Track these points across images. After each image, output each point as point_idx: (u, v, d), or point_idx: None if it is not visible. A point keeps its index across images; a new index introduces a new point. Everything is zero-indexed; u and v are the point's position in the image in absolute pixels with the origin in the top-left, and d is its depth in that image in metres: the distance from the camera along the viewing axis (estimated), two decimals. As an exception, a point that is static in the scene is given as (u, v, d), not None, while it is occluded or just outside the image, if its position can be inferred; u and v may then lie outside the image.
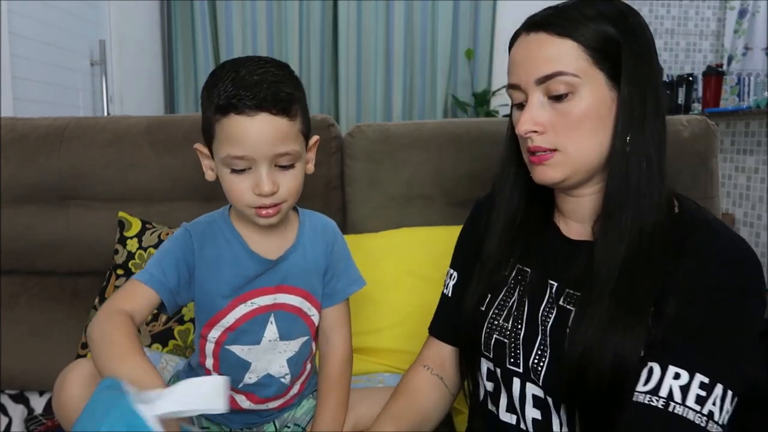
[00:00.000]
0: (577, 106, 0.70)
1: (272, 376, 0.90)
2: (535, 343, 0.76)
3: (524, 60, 0.73)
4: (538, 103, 0.73)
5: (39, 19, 2.07)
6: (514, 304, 0.80)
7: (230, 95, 0.75)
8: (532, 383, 0.76)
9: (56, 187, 1.33)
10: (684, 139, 1.24)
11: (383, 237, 1.30)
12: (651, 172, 0.70)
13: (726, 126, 3.04)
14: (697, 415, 0.62)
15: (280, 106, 0.76)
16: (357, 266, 0.97)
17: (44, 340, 1.29)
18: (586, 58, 0.70)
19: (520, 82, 0.74)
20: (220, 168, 0.80)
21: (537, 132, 0.73)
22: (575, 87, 0.70)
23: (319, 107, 3.12)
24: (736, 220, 3.01)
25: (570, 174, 0.74)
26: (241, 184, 0.79)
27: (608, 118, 0.71)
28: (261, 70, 0.77)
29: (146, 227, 1.29)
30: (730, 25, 3.52)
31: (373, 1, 3.04)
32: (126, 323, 0.75)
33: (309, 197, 1.32)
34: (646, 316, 0.67)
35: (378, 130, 1.34)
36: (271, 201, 0.79)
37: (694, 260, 0.68)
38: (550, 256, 0.80)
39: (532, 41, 0.73)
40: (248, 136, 0.76)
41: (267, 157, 0.77)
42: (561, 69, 0.70)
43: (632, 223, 0.70)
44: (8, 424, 1.24)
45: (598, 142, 0.72)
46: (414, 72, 3.12)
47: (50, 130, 1.34)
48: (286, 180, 0.80)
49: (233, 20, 3.01)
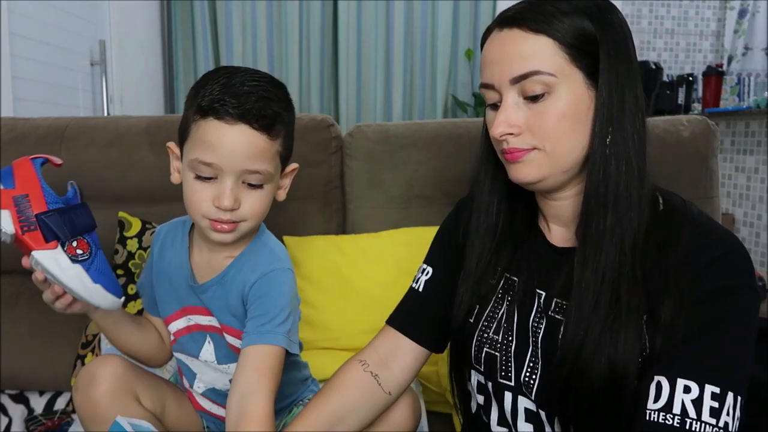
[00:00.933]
0: (554, 106, 0.67)
1: (217, 389, 0.89)
2: (527, 356, 0.73)
3: (497, 58, 0.69)
4: (513, 103, 0.69)
5: (39, 19, 2.07)
6: (503, 316, 0.77)
7: (215, 98, 0.72)
8: (524, 396, 0.74)
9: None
10: (684, 139, 1.24)
11: (383, 237, 1.30)
12: (630, 174, 0.67)
13: (726, 126, 3.04)
14: (714, 428, 0.60)
15: (263, 122, 0.73)
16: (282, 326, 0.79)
17: (44, 340, 1.29)
18: (562, 55, 0.66)
19: (494, 81, 0.70)
20: (186, 171, 0.77)
21: (512, 134, 0.69)
22: (552, 86, 0.67)
23: (319, 107, 3.11)
24: (736, 220, 3.01)
25: (547, 174, 0.70)
26: (203, 192, 0.75)
27: (586, 118, 0.68)
28: (254, 82, 0.74)
29: (146, 227, 1.29)
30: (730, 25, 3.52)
31: (373, 1, 3.03)
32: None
33: (309, 197, 1.33)
34: (639, 321, 0.65)
35: (378, 130, 1.34)
36: (228, 217, 0.75)
37: (682, 259, 0.66)
38: (536, 265, 0.77)
39: (505, 38, 0.69)
40: (222, 145, 0.72)
41: (235, 171, 0.73)
42: (537, 68, 0.66)
43: (613, 227, 0.67)
44: (8, 424, 1.24)
45: (577, 143, 0.69)
46: (414, 72, 3.12)
47: (50, 130, 1.34)
48: (250, 199, 0.76)
49: (233, 20, 3.00)
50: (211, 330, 0.85)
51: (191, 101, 0.76)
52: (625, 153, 0.67)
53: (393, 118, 3.12)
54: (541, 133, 0.68)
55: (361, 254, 1.27)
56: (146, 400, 0.83)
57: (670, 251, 0.67)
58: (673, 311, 0.64)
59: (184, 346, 0.87)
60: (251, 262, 0.82)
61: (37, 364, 1.27)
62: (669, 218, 0.70)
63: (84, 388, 0.79)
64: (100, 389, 0.78)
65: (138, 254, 1.27)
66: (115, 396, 0.78)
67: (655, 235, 0.68)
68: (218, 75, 0.75)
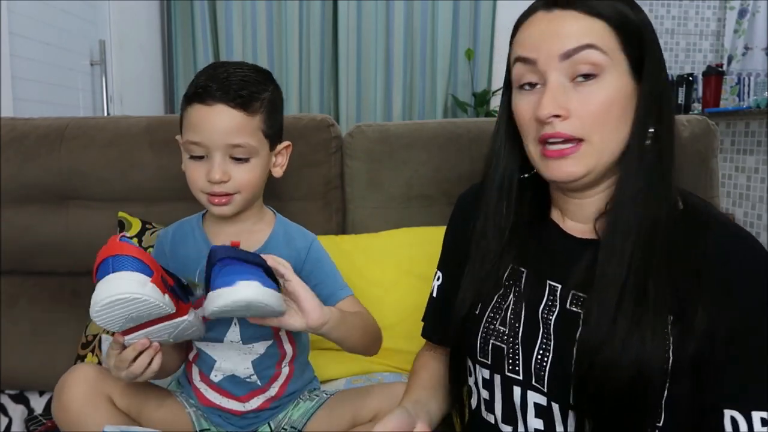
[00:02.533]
0: (602, 91, 0.65)
1: (237, 376, 0.91)
2: (535, 347, 0.71)
3: (547, 33, 0.66)
4: (560, 85, 0.66)
5: (39, 19, 2.07)
6: (509, 307, 0.75)
7: (199, 86, 0.82)
8: (533, 391, 0.71)
9: (56, 187, 1.33)
10: (684, 139, 1.24)
11: (383, 237, 1.30)
12: (665, 168, 0.67)
13: (726, 126, 3.04)
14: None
15: (239, 101, 0.81)
16: (342, 277, 0.95)
17: (44, 340, 1.29)
18: (614, 38, 0.65)
19: (539, 56, 0.66)
20: (183, 154, 0.86)
21: (560, 116, 0.65)
22: (602, 68, 0.65)
23: (319, 107, 3.11)
24: (736, 220, 3.01)
25: (592, 168, 0.67)
26: (197, 170, 0.84)
27: (629, 110, 0.67)
28: (238, 70, 0.84)
29: (146, 227, 1.29)
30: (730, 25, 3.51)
31: (373, 1, 3.03)
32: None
33: (309, 197, 1.33)
34: (665, 320, 0.64)
35: (378, 130, 1.34)
36: (221, 190, 0.83)
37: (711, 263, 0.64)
38: (548, 255, 0.75)
39: (557, 17, 0.67)
40: (204, 124, 0.81)
41: (220, 147, 0.82)
42: (592, 41, 0.64)
43: (641, 222, 0.65)
44: (8, 424, 1.24)
45: (621, 135, 0.67)
46: (414, 72, 3.12)
47: (50, 130, 1.34)
48: (239, 172, 0.84)
49: (233, 20, 3.00)
50: None
51: (184, 96, 0.86)
52: (661, 148, 0.67)
53: (393, 118, 3.12)
54: (590, 120, 0.65)
55: (361, 254, 1.27)
56: (120, 402, 0.85)
57: (696, 252, 0.65)
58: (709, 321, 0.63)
59: (209, 331, 0.89)
60: (287, 235, 0.93)
61: (37, 364, 1.27)
62: (691, 218, 0.69)
63: (57, 395, 0.83)
64: (70, 394, 0.82)
65: (138, 254, 1.27)
66: (85, 399, 0.82)
67: (678, 234, 0.66)
68: (207, 68, 0.86)
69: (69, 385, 0.83)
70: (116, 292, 0.66)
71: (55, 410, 0.84)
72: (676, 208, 0.70)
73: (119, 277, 0.68)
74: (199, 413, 0.94)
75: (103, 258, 0.70)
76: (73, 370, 0.85)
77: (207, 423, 0.94)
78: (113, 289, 0.67)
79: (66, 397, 0.82)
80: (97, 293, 0.67)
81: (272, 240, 0.92)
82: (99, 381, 0.84)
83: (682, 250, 0.66)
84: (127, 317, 0.69)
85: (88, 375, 0.84)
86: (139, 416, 0.87)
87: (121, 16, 2.58)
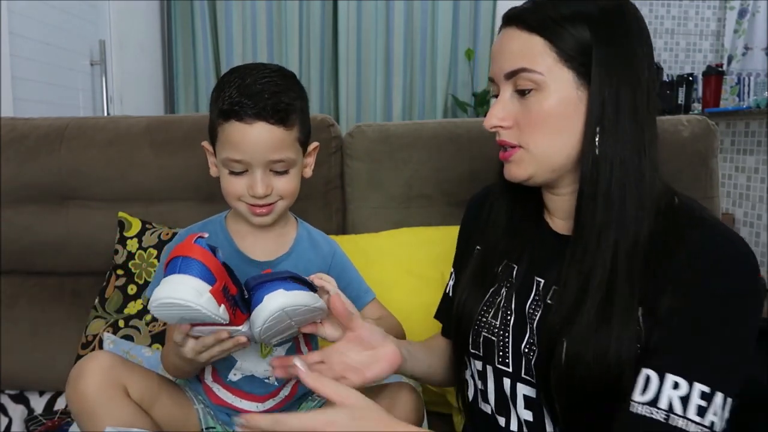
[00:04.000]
0: (541, 104, 0.70)
1: (255, 376, 0.92)
2: (523, 341, 0.75)
3: (497, 54, 0.74)
4: (507, 97, 0.73)
5: (39, 19, 2.07)
6: (501, 301, 0.79)
7: (233, 102, 0.81)
8: (523, 383, 0.75)
9: (56, 187, 1.33)
10: (684, 139, 1.24)
11: (383, 237, 1.30)
12: (625, 176, 0.68)
13: (726, 126, 3.04)
14: (699, 426, 0.61)
15: (278, 117, 0.82)
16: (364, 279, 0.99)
17: (44, 340, 1.29)
18: (552, 56, 0.69)
19: (494, 75, 0.75)
20: (221, 167, 0.86)
21: (503, 127, 0.73)
22: (540, 84, 0.69)
23: (319, 107, 3.12)
24: (736, 220, 3.01)
25: (533, 172, 0.73)
26: (238, 184, 0.85)
27: (575, 118, 0.70)
28: (265, 79, 0.83)
29: (146, 227, 1.29)
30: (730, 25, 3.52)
31: (373, 1, 3.03)
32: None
33: (309, 197, 1.32)
34: (632, 318, 0.66)
35: (378, 130, 1.34)
36: (264, 201, 0.85)
37: (687, 258, 0.66)
38: (537, 252, 0.79)
39: (505, 35, 0.73)
40: (246, 143, 0.81)
41: (262, 163, 0.83)
42: (525, 65, 0.69)
43: (605, 225, 0.68)
44: (8, 424, 1.24)
45: (564, 142, 0.71)
46: (414, 72, 3.12)
47: (50, 130, 1.34)
48: (281, 182, 0.86)
49: (233, 20, 3.00)
50: None
51: (213, 105, 0.85)
52: (619, 154, 0.68)
53: (393, 118, 3.12)
54: (527, 130, 0.72)
55: (361, 254, 1.27)
56: (135, 393, 0.85)
57: (677, 250, 0.66)
58: (671, 306, 0.65)
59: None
60: (311, 239, 0.96)
61: (37, 364, 1.27)
62: (680, 219, 0.70)
63: (73, 383, 0.83)
64: (87, 382, 0.81)
65: (138, 254, 1.27)
66: (102, 388, 0.82)
67: (663, 235, 0.68)
68: (233, 77, 0.84)
69: (86, 374, 0.82)
70: (173, 295, 0.68)
71: (69, 397, 0.84)
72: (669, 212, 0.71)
73: (180, 281, 0.69)
74: (207, 411, 0.94)
75: (174, 255, 0.71)
76: (90, 357, 0.85)
77: (213, 421, 0.94)
78: (172, 291, 0.68)
79: (82, 385, 0.82)
80: (159, 289, 0.69)
81: (298, 243, 0.94)
82: (115, 370, 0.84)
83: (663, 250, 0.67)
84: (181, 318, 0.72)
85: (104, 364, 0.83)
86: (151, 408, 0.87)
87: (121, 16, 2.58)
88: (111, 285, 1.28)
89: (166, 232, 1.29)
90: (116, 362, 0.85)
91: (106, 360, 0.84)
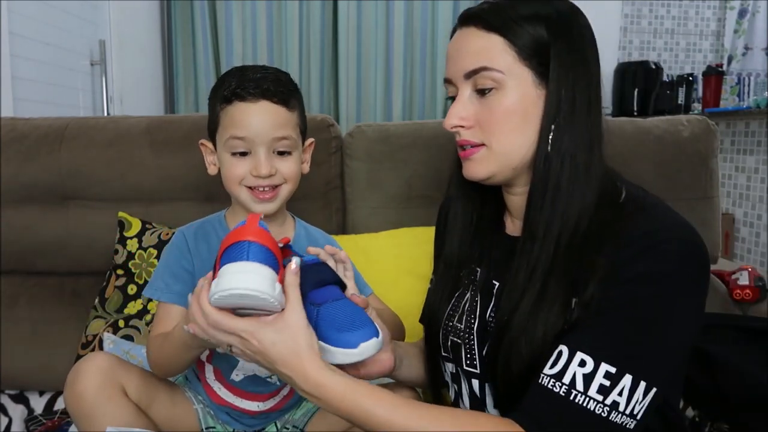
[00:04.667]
0: (501, 102, 0.70)
1: (258, 376, 0.92)
2: (486, 344, 0.75)
3: (454, 54, 0.74)
4: (466, 97, 0.73)
5: (39, 19, 2.07)
6: (466, 305, 0.80)
7: (235, 86, 0.84)
8: (490, 385, 0.75)
9: (56, 187, 1.33)
10: (684, 139, 1.24)
11: (383, 237, 1.30)
12: (573, 170, 0.69)
13: (726, 126, 3.04)
14: (599, 404, 0.61)
15: (280, 96, 0.85)
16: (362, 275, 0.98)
17: (44, 340, 1.29)
18: (512, 54, 0.70)
19: (451, 75, 0.74)
20: (222, 154, 0.87)
21: (464, 126, 0.73)
22: (500, 83, 0.70)
23: (319, 107, 3.11)
24: (736, 220, 3.01)
25: (496, 170, 0.74)
26: (240, 167, 0.85)
27: (534, 116, 0.71)
28: (264, 71, 0.87)
29: (146, 227, 1.30)
30: (730, 25, 3.51)
31: (373, 1, 3.03)
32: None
33: (309, 197, 1.32)
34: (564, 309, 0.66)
35: (378, 130, 1.34)
36: (268, 182, 0.85)
37: (620, 244, 0.66)
38: (495, 255, 0.80)
39: (462, 35, 0.74)
40: (250, 120, 0.84)
41: (266, 141, 0.84)
42: (486, 64, 0.70)
43: (550, 220, 0.69)
44: (8, 424, 1.24)
45: (524, 140, 0.71)
46: (414, 72, 3.12)
47: (50, 130, 1.34)
48: (284, 164, 0.87)
49: (233, 20, 3.00)
50: None
51: (214, 99, 0.88)
52: (571, 151, 0.69)
53: (393, 118, 3.12)
54: (489, 128, 0.72)
55: (361, 254, 1.27)
56: (133, 393, 0.85)
57: (611, 239, 0.67)
58: (594, 289, 0.65)
59: None
60: (309, 236, 0.97)
61: (37, 364, 1.27)
62: (620, 209, 0.70)
63: (71, 385, 0.83)
64: (85, 383, 0.82)
65: (138, 254, 1.27)
66: (99, 389, 0.82)
67: (600, 226, 0.68)
68: (232, 72, 0.88)
69: (83, 375, 0.82)
70: (249, 286, 0.62)
71: (67, 398, 0.84)
72: (613, 202, 0.72)
73: (254, 270, 0.63)
74: (207, 410, 0.95)
75: (239, 239, 0.65)
76: (87, 358, 0.85)
77: (213, 421, 0.95)
78: (247, 282, 0.62)
79: (80, 386, 0.82)
80: (227, 279, 0.63)
81: (297, 241, 0.94)
82: (113, 371, 0.84)
83: (598, 241, 0.67)
84: (242, 305, 0.66)
85: (102, 365, 0.83)
86: (149, 408, 0.87)
87: (121, 16, 2.58)
88: (111, 285, 1.28)
89: (166, 232, 1.29)
90: (114, 363, 0.85)
91: (104, 361, 0.84)
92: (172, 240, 0.93)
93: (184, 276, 0.89)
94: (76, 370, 0.84)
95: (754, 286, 1.26)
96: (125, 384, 0.84)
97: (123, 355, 1.17)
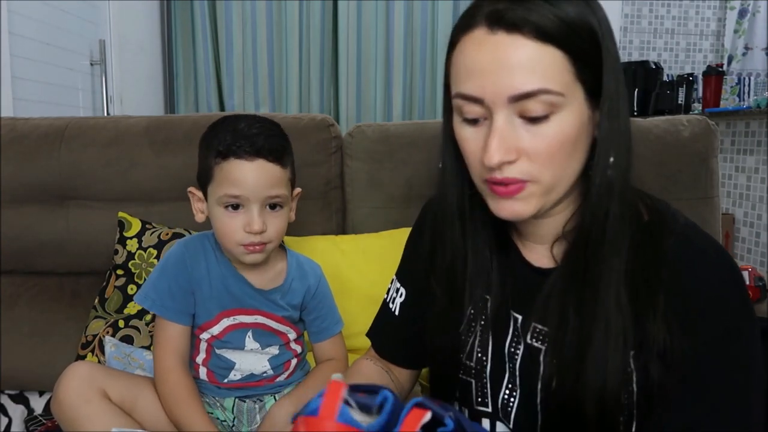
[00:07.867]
0: (557, 130, 0.57)
1: (254, 374, 0.96)
2: (503, 382, 0.69)
3: (492, 67, 0.57)
4: (508, 123, 0.58)
5: (39, 19, 2.07)
6: (476, 340, 0.71)
7: (231, 143, 0.85)
8: (501, 423, 0.70)
9: (56, 187, 1.33)
10: (684, 139, 1.24)
11: (383, 237, 1.30)
12: (624, 192, 0.61)
13: (726, 126, 3.04)
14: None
15: (275, 155, 0.87)
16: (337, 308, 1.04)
17: (44, 340, 1.29)
18: (569, 67, 0.56)
19: (485, 96, 0.57)
20: (215, 208, 0.88)
21: (510, 162, 0.58)
22: (558, 107, 0.57)
23: (319, 107, 3.11)
24: (736, 220, 3.01)
25: (542, 206, 0.62)
26: (233, 222, 0.87)
27: (584, 136, 0.60)
28: (258, 125, 0.88)
29: (146, 227, 1.29)
30: (730, 25, 3.51)
31: (373, 1, 3.03)
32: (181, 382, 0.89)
33: (309, 197, 1.32)
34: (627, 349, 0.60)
35: (378, 130, 1.34)
36: (259, 239, 0.87)
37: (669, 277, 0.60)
38: (511, 283, 0.70)
39: (501, 44, 0.56)
40: (246, 179, 0.85)
41: (260, 199, 0.86)
42: (545, 86, 0.55)
43: (601, 250, 0.61)
44: (8, 424, 1.24)
45: (574, 168, 0.61)
46: (414, 72, 3.12)
47: (50, 130, 1.34)
48: (274, 221, 0.89)
49: (233, 20, 3.00)
50: (254, 326, 0.95)
51: (206, 150, 0.89)
52: (626, 170, 0.61)
53: (393, 118, 3.12)
54: (541, 160, 0.58)
55: (361, 254, 1.27)
56: (115, 395, 0.88)
57: (659, 267, 0.60)
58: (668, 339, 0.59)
59: (228, 342, 0.94)
60: (300, 271, 0.99)
61: (37, 364, 1.27)
62: (653, 230, 0.64)
63: (54, 394, 0.87)
64: (65, 391, 0.85)
65: (138, 254, 1.27)
66: (77, 393, 0.85)
67: (641, 253, 0.61)
68: (225, 124, 0.89)
69: (63, 383, 0.86)
70: None
71: (52, 408, 0.88)
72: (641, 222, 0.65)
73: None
74: None
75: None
76: (68, 368, 0.88)
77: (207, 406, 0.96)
78: None
79: (61, 394, 0.86)
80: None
81: (290, 274, 0.98)
82: (92, 376, 0.87)
83: (643, 269, 0.61)
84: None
85: (80, 371, 0.87)
86: (133, 409, 0.89)
87: (121, 16, 2.58)
88: (111, 285, 1.28)
89: (166, 232, 1.29)
90: (94, 369, 0.89)
91: (83, 368, 0.88)
92: (174, 251, 0.94)
93: (189, 292, 0.93)
94: (58, 380, 0.87)
95: (754, 286, 1.26)
96: (107, 388, 0.87)
97: (125, 358, 1.17)
